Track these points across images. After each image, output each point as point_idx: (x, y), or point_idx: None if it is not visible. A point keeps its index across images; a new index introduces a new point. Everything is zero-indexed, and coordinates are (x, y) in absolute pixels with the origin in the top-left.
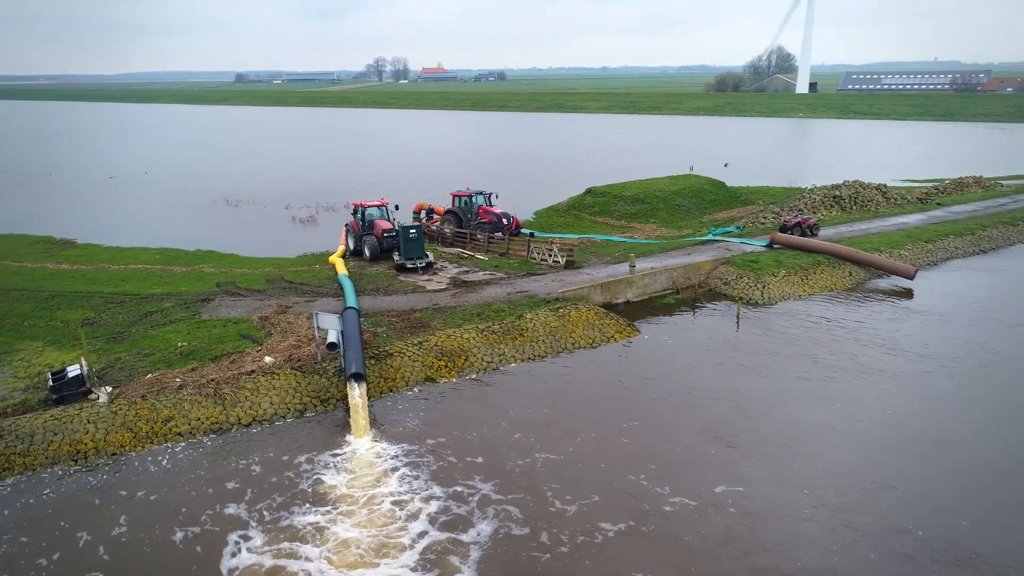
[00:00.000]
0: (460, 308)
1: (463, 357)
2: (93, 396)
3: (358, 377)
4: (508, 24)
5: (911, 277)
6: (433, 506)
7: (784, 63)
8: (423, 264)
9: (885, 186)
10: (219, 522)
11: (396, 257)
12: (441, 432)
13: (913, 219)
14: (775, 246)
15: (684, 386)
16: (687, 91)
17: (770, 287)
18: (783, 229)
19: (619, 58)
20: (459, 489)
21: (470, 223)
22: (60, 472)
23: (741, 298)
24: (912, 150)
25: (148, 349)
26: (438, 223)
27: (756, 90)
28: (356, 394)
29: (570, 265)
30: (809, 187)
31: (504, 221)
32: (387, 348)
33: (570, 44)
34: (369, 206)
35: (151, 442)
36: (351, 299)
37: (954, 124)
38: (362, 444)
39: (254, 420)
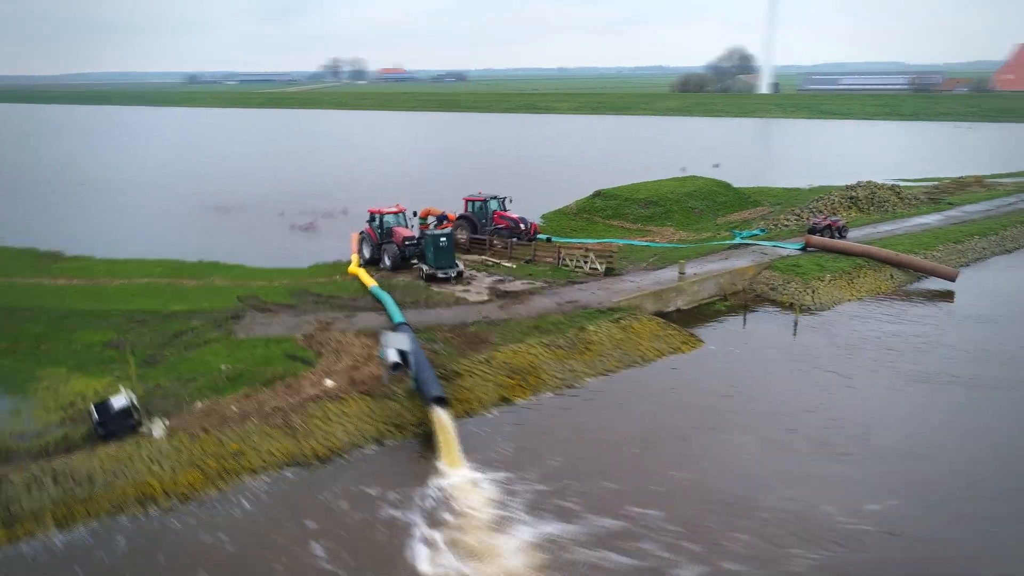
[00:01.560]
0: (513, 321)
1: (535, 375)
2: (144, 430)
3: (441, 401)
4: (468, 25)
5: (953, 279)
6: (598, 554)
7: (744, 64)
8: (455, 273)
9: (898, 187)
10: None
11: (423, 267)
12: (544, 456)
13: (932, 219)
14: (809, 249)
15: (772, 396)
16: (653, 91)
17: (819, 292)
18: (813, 231)
19: (576, 59)
20: (613, 524)
21: (486, 229)
22: (129, 519)
23: (792, 304)
24: (892, 149)
25: (188, 374)
26: (447, 229)
27: (720, 91)
28: (444, 420)
29: (610, 272)
30: (808, 186)
31: (522, 226)
32: (453, 367)
33: (528, 45)
34: (387, 212)
35: (223, 481)
36: (397, 314)
37: (923, 124)
38: (459, 475)
39: (332, 451)
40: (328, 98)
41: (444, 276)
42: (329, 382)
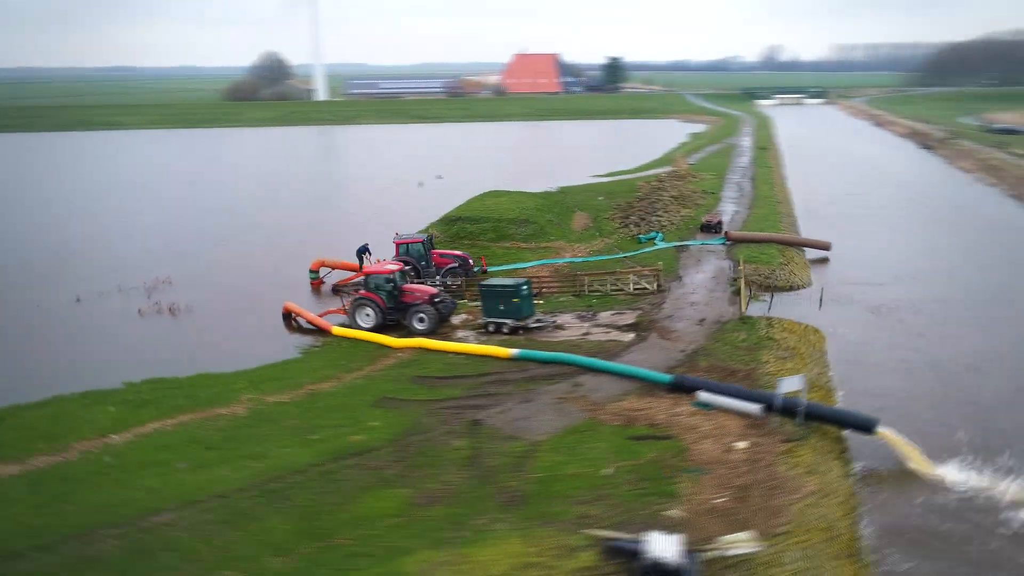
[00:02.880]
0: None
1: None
2: None
3: (874, 424)
4: None
5: (828, 248)
6: None
7: (283, 69)
8: (533, 323)
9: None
10: None
11: (504, 321)
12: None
13: (732, 206)
14: (728, 242)
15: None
16: (205, 99)
17: (796, 274)
18: (706, 227)
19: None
20: None
21: (428, 271)
22: None
23: (792, 286)
24: (561, 148)
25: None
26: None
27: (276, 97)
28: (893, 435)
29: (659, 289)
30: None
31: (471, 262)
32: None
33: None
34: (379, 272)
35: None
36: (648, 373)
37: (504, 124)
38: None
39: None
40: None
41: (540, 325)
42: (741, 444)
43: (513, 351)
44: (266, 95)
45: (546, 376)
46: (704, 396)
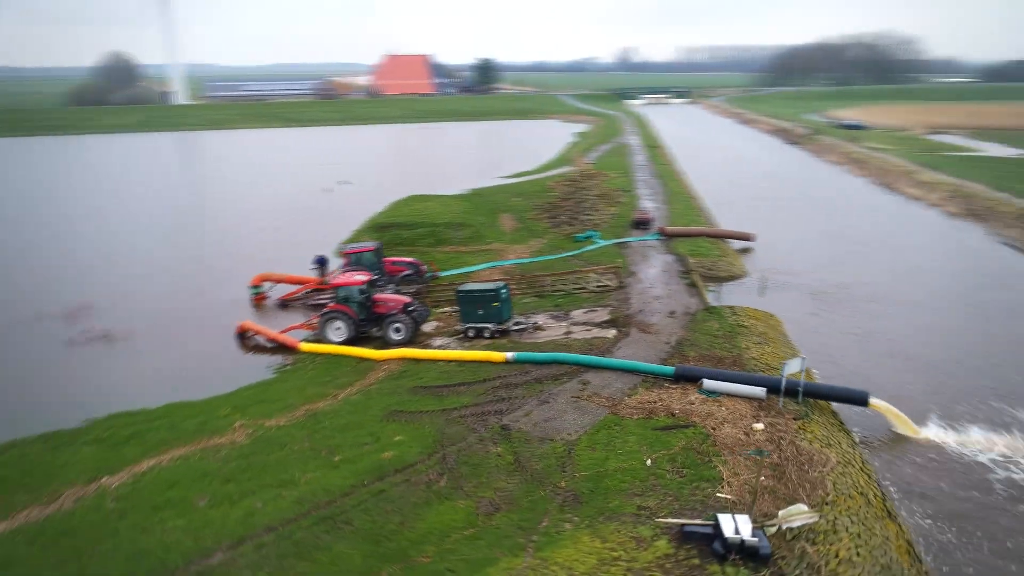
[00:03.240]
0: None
1: None
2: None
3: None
4: None
5: (752, 239)
6: None
7: (131, 70)
8: (513, 326)
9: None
10: None
11: (486, 326)
12: None
13: (650, 203)
14: (662, 237)
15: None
16: (44, 104)
17: (734, 264)
18: (637, 224)
19: None
20: None
21: (381, 280)
22: None
23: (733, 276)
24: (466, 149)
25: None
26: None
27: (129, 101)
28: (885, 405)
29: (620, 285)
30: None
31: (423, 268)
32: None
33: None
34: (349, 284)
35: None
36: (651, 366)
37: (386, 126)
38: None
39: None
40: None
41: (519, 327)
42: (759, 425)
43: (508, 355)
44: (118, 99)
45: (549, 377)
46: (709, 384)
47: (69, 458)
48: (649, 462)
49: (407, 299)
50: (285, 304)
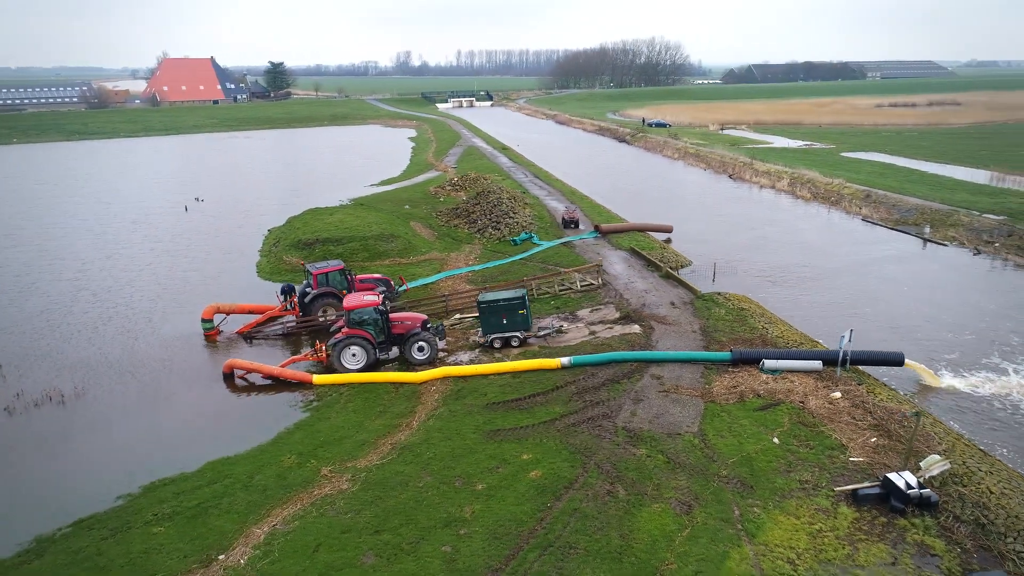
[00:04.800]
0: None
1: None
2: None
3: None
4: None
5: (671, 231)
6: None
7: None
8: (539, 331)
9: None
10: None
11: (515, 334)
12: None
13: (554, 202)
14: (599, 234)
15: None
16: None
17: (677, 255)
18: (567, 223)
19: None
20: None
21: None
22: None
23: (682, 265)
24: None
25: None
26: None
27: None
28: (917, 365)
29: (603, 283)
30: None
31: (392, 283)
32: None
33: None
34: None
35: None
36: (709, 354)
37: (194, 136)
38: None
39: None
40: None
41: (544, 333)
42: (836, 394)
43: (563, 360)
44: None
45: (616, 377)
46: (769, 363)
47: (145, 544)
48: (776, 440)
49: (424, 316)
50: (249, 337)
